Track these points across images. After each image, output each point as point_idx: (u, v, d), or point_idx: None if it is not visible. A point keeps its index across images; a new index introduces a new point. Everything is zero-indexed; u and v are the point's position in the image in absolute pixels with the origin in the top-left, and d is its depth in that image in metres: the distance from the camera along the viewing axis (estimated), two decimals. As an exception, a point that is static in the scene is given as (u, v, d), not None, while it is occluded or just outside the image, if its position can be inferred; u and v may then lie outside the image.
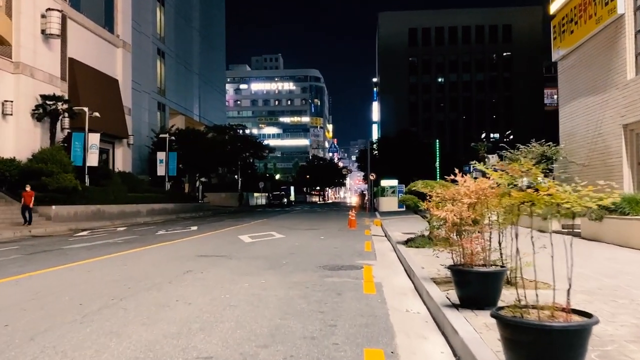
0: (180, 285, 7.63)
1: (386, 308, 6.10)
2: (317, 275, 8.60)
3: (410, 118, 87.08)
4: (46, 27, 28.48)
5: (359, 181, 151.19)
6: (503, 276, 5.45)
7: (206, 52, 68.16)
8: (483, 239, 5.62)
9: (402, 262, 10.21)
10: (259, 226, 22.74)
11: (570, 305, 3.20)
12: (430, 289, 6.51)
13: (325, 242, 14.89)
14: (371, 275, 8.62)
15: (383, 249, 13.06)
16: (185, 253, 12.10)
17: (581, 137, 18.56)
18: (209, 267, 9.58)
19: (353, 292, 7.09)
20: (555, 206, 3.16)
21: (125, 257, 11.48)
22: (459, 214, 5.46)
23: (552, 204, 3.14)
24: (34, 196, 21.90)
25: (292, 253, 11.93)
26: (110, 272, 9.14)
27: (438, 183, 8.99)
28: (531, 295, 3.52)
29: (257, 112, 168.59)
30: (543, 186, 3.27)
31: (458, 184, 5.74)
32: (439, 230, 7.13)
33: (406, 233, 15.94)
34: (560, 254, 3.34)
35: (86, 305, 6.24)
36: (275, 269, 9.32)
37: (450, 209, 5.54)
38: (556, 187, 3.17)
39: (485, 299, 5.29)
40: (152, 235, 17.97)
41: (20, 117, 27.22)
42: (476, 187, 5.38)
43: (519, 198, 3.34)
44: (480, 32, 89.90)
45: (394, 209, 38.58)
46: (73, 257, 11.39)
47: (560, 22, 19.93)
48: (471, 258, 5.47)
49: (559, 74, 20.68)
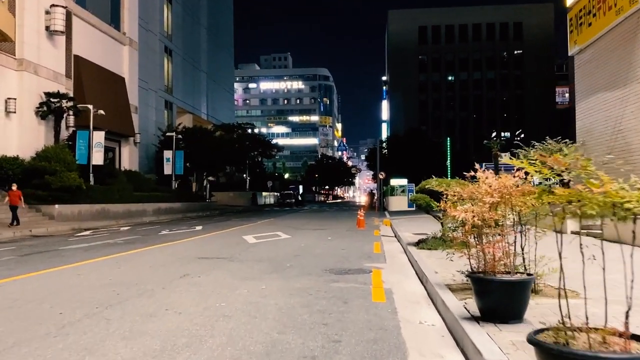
0: (174, 291, 7.05)
1: (397, 319, 5.48)
2: (323, 280, 7.99)
3: (419, 117, 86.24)
4: (50, 24, 28.02)
5: (368, 180, 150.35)
6: (530, 285, 4.82)
7: (214, 50, 67.68)
8: (507, 242, 5.00)
9: (413, 265, 9.59)
10: (265, 226, 22.17)
11: (629, 329, 2.58)
12: (445, 297, 5.89)
13: (332, 243, 14.28)
14: (380, 280, 8.00)
15: (393, 250, 12.43)
16: (185, 254, 11.54)
17: (599, 133, 17.81)
18: (208, 271, 9.00)
19: (361, 299, 6.47)
20: (611, 207, 2.53)
21: (122, 259, 10.93)
22: (480, 214, 4.83)
23: (606, 203, 2.51)
24: (21, 196, 20.68)
25: (297, 255, 11.33)
26: (103, 275, 8.58)
27: (454, 181, 8.33)
28: (560, 306, 2.91)
29: (266, 111, 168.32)
30: (594, 182, 2.65)
31: (477, 182, 5.11)
32: (454, 232, 6.49)
33: (417, 234, 15.31)
34: (591, 261, 2.75)
35: (67, 315, 5.67)
36: (278, 273, 8.73)
37: (469, 209, 4.90)
38: (612, 184, 2.55)
39: (510, 312, 4.67)
40: (155, 236, 17.44)
41: (23, 115, 26.81)
42: (499, 185, 4.75)
43: (565, 197, 2.71)
44: (491, 30, 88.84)
45: (404, 208, 37.90)
46: (67, 259, 10.86)
47: (577, 14, 19.17)
48: (493, 265, 4.84)
49: (576, 69, 19.90)
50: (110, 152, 36.82)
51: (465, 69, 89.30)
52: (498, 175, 5.20)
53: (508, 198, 4.84)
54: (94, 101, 30.08)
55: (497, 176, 4.93)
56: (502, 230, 5.12)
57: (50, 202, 24.00)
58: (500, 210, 4.82)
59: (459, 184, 7.01)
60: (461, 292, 6.36)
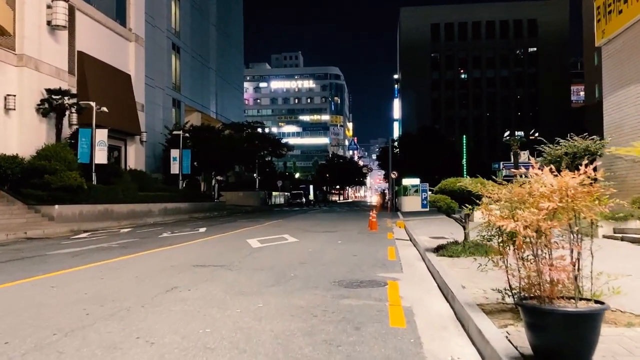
0: (154, 311, 5.95)
1: (422, 354, 4.34)
2: (330, 295, 6.86)
3: (432, 115, 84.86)
4: (52, 18, 27.06)
5: (379, 180, 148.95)
6: (602, 318, 3.65)
7: (223, 48, 66.65)
8: (574, 258, 3.86)
9: (434, 276, 8.43)
10: (272, 228, 21.07)
11: None
12: (481, 324, 4.74)
13: (342, 247, 13.14)
14: (398, 296, 6.86)
15: (409, 257, 11.27)
16: (180, 261, 10.46)
17: (631, 129, 16.52)
18: (200, 282, 7.90)
19: (376, 324, 5.33)
20: None
21: (108, 267, 9.86)
22: (535, 223, 3.68)
23: None
24: None
25: (303, 262, 10.20)
26: (79, 288, 7.51)
27: (489, 182, 7.14)
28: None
29: (276, 110, 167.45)
30: None
31: (513, 182, 3.96)
32: (489, 241, 5.34)
33: (434, 237, 14.15)
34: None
35: (11, 347, 4.57)
36: (280, 285, 7.61)
37: (520, 216, 3.74)
38: None
39: (576, 354, 3.53)
40: (154, 239, 16.39)
41: (24, 112, 25.89)
42: (561, 185, 3.60)
43: None
44: (505, 27, 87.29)
45: (417, 209, 36.65)
46: (49, 267, 9.82)
47: (605, 2, 17.88)
48: (552, 290, 3.69)
49: (604, 60, 18.60)
50: (115, 151, 35.93)
51: (479, 66, 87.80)
52: (505, 176, 4.06)
53: (570, 202, 3.69)
54: (98, 98, 29.15)
55: (555, 174, 3.76)
56: (548, 242, 3.97)
57: (50, 202, 23.07)
58: (562, 217, 3.65)
59: (496, 184, 5.82)
60: (498, 315, 5.22)
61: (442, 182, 10.39)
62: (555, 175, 3.80)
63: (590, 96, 55.71)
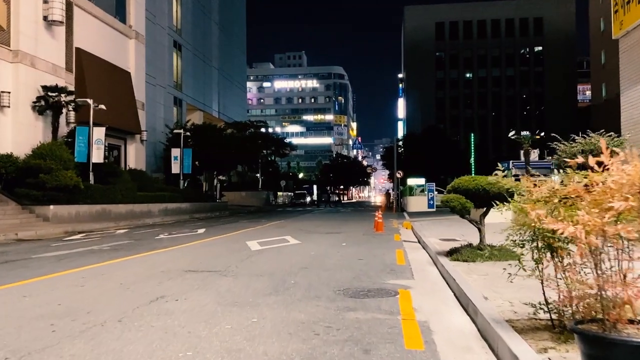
0: (131, 328, 5.15)
1: (448, 388, 3.54)
2: (334, 307, 6.06)
3: (437, 115, 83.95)
4: (48, 13, 26.35)
5: (383, 180, 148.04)
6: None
7: (226, 46, 65.87)
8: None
9: (449, 284, 7.61)
10: (273, 229, 20.27)
11: None
12: (515, 347, 3.93)
13: (347, 250, 12.32)
14: (411, 308, 6.04)
15: (420, 261, 10.45)
16: (172, 266, 9.67)
17: (651, 125, 15.69)
18: (190, 291, 7.11)
19: (388, 344, 4.52)
20: None
21: (92, 272, 9.07)
22: (599, 227, 2.86)
23: None
24: None
25: (305, 267, 9.40)
26: (54, 298, 6.73)
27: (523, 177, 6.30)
28: None
29: (280, 110, 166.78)
30: None
31: (589, 173, 3.13)
32: (522, 247, 4.52)
33: (445, 239, 13.32)
34: None
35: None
36: (278, 295, 6.81)
37: (581, 220, 2.91)
38: None
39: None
40: (149, 240, 15.62)
41: (19, 110, 25.16)
42: (636, 177, 2.78)
43: None
44: (510, 26, 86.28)
45: (423, 209, 35.81)
46: (29, 272, 9.05)
47: (623, -8, 17.05)
48: (619, 313, 2.88)
49: (621, 53, 17.75)
50: (115, 150, 35.22)
51: (484, 65, 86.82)
52: (514, 176, 3.25)
53: (641, 200, 2.87)
54: (97, 96, 28.40)
55: (630, 164, 2.93)
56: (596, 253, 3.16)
57: (45, 202, 22.33)
58: (635, 219, 2.82)
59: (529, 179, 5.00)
60: (533, 334, 4.42)
61: (455, 181, 9.58)
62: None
63: (597, 95, 54.75)
